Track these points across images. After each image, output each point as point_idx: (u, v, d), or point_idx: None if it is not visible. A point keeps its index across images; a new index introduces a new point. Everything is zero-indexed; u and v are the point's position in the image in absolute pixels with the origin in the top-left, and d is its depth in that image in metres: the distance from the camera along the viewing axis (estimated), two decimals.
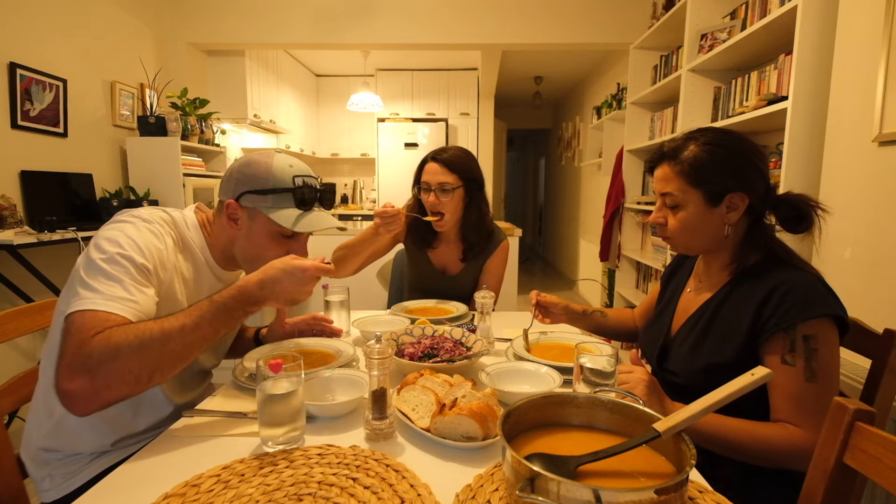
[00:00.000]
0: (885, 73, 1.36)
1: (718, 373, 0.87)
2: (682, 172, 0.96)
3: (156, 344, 0.76)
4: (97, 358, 0.72)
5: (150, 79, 3.33)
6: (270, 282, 0.86)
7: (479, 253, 1.72)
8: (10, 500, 0.82)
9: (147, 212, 0.93)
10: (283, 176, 0.98)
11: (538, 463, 0.55)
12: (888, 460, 0.57)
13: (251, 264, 1.01)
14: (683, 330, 1.03)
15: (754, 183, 0.94)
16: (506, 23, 3.65)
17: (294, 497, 0.65)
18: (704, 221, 0.96)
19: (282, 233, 0.99)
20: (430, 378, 0.89)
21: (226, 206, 0.98)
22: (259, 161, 0.99)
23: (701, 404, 0.62)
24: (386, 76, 5.71)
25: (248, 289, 0.85)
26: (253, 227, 0.99)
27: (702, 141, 0.96)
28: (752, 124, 2.14)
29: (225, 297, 0.83)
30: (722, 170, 0.93)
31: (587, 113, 5.52)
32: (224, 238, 1.02)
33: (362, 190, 6.59)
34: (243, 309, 0.85)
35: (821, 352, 0.83)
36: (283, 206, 0.98)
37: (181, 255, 0.97)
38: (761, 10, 2.09)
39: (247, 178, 0.97)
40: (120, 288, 0.80)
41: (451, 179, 1.58)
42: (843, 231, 1.53)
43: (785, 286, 0.87)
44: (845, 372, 1.31)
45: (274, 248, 1.00)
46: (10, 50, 2.38)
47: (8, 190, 2.35)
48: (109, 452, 0.95)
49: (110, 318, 0.76)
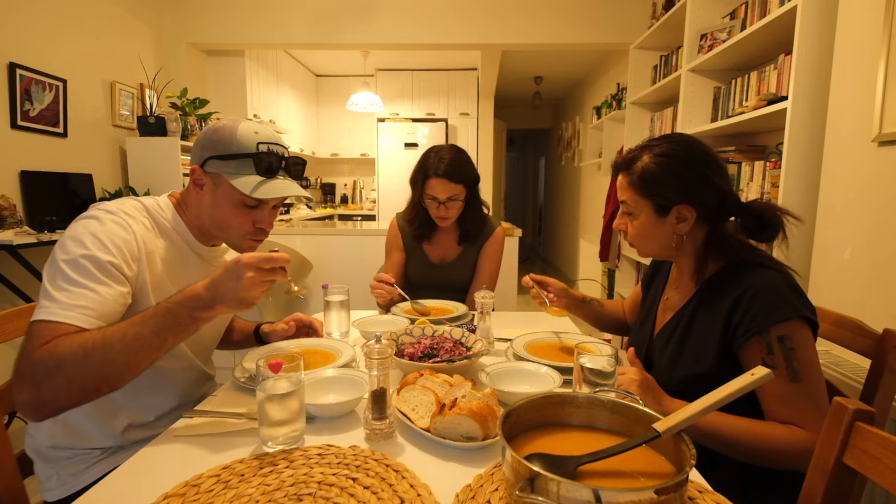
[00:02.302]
0: (885, 73, 1.36)
1: (699, 383, 0.88)
2: (632, 183, 0.99)
3: (98, 353, 0.75)
4: (42, 369, 0.73)
5: (150, 79, 3.33)
6: (213, 283, 0.80)
7: (474, 240, 1.78)
8: (10, 500, 0.81)
9: (114, 203, 0.93)
10: (248, 142, 0.96)
11: (538, 463, 0.55)
12: (888, 460, 0.57)
13: (221, 231, 1.01)
14: (661, 339, 1.05)
15: (702, 195, 0.95)
16: (506, 23, 3.65)
17: (294, 497, 0.65)
18: (656, 230, 0.99)
19: (244, 201, 0.97)
20: (430, 378, 0.89)
21: (191, 171, 0.98)
22: (226, 127, 0.97)
23: (701, 404, 0.62)
24: (386, 76, 5.71)
25: (195, 292, 0.81)
26: (217, 193, 0.97)
27: (655, 152, 0.97)
28: (751, 124, 2.14)
29: (171, 302, 0.80)
30: (669, 182, 0.95)
31: (587, 113, 5.51)
32: (193, 210, 1.01)
33: (362, 190, 6.59)
34: (190, 315, 0.80)
35: (798, 351, 0.83)
36: (246, 173, 0.95)
37: (159, 239, 0.96)
38: (761, 10, 2.09)
39: (212, 143, 0.96)
40: (78, 294, 0.79)
41: (458, 190, 1.65)
42: (842, 231, 1.53)
43: (750, 291, 0.88)
44: (845, 372, 1.31)
45: (237, 217, 0.98)
46: (10, 50, 2.38)
47: (8, 190, 2.35)
48: (119, 451, 0.95)
49: (61, 329, 0.76)
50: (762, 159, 2.11)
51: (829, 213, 1.60)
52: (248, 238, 1.02)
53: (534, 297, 1.33)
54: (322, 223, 3.83)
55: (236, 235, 1.01)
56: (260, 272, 0.80)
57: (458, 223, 1.76)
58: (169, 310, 0.79)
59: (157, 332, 0.78)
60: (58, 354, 0.73)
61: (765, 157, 2.16)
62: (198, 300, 0.80)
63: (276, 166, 0.98)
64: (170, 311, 0.79)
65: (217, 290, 0.80)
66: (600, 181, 4.72)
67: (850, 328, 1.02)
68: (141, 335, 0.77)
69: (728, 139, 2.53)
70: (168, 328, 0.79)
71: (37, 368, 0.73)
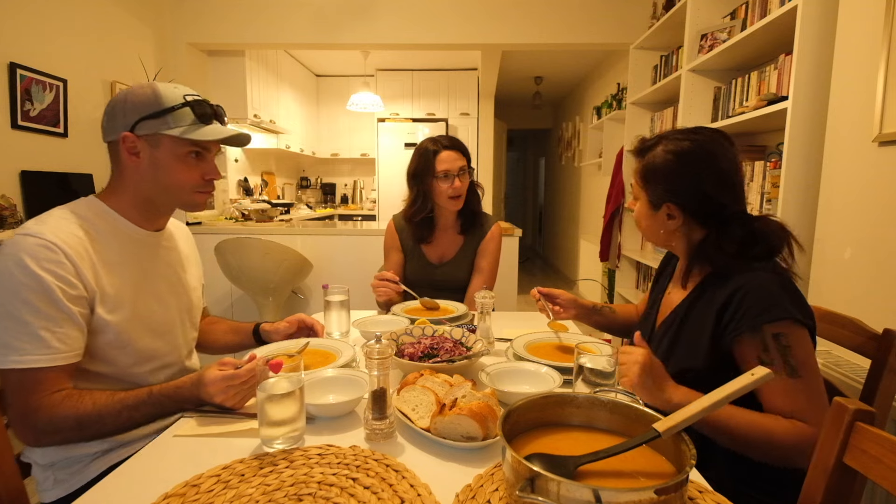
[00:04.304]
0: (885, 73, 1.36)
1: (691, 377, 0.88)
2: (637, 171, 1.03)
3: (93, 426, 0.85)
4: (41, 428, 0.83)
5: (151, 79, 3.33)
6: (197, 385, 0.87)
7: (475, 229, 1.80)
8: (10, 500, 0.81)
9: (35, 224, 0.87)
10: (174, 95, 0.95)
11: (538, 463, 0.55)
12: (888, 460, 0.57)
13: (170, 193, 0.99)
14: (660, 331, 1.06)
15: (689, 200, 0.96)
16: (506, 23, 3.65)
17: (294, 497, 0.65)
18: (649, 220, 1.04)
19: (190, 152, 0.97)
20: (430, 378, 0.89)
21: (122, 140, 0.93)
22: (141, 89, 0.95)
23: (701, 404, 0.62)
24: (386, 76, 5.71)
25: (184, 388, 0.89)
26: (157, 153, 0.95)
27: (669, 147, 0.98)
28: (752, 124, 2.14)
29: (164, 391, 0.88)
30: (664, 179, 0.98)
31: (587, 113, 5.51)
32: (131, 188, 0.98)
33: (362, 190, 6.59)
34: (178, 405, 0.89)
35: (794, 348, 0.83)
36: (184, 123, 0.95)
37: (96, 242, 0.93)
38: (761, 11, 2.09)
39: (135, 106, 0.93)
40: (37, 339, 0.82)
41: (464, 162, 1.71)
42: (843, 231, 1.53)
43: (742, 290, 0.88)
44: (845, 372, 1.31)
45: (185, 171, 0.98)
46: (10, 50, 2.37)
47: (8, 190, 2.35)
48: (113, 450, 0.95)
49: (47, 379, 0.84)
50: (762, 159, 2.11)
51: (829, 213, 1.60)
52: (198, 192, 1.02)
53: (540, 309, 1.33)
54: (322, 223, 3.83)
55: (187, 191, 1.00)
56: (232, 388, 0.87)
57: (458, 212, 1.78)
58: (161, 402, 0.88)
59: (148, 417, 0.89)
60: (55, 424, 0.83)
61: (765, 157, 2.16)
62: (184, 397, 0.89)
63: (210, 112, 0.99)
64: (161, 403, 0.88)
65: (204, 391, 0.87)
66: (600, 181, 4.71)
67: (850, 328, 1.02)
68: (133, 418, 0.88)
69: None
70: (158, 415, 0.89)
71: (35, 427, 0.83)
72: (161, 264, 1.07)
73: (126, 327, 0.95)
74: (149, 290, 1.02)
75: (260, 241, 2.69)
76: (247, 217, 3.59)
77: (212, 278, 3.00)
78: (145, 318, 0.99)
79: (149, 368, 1.01)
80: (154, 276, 1.04)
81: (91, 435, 0.87)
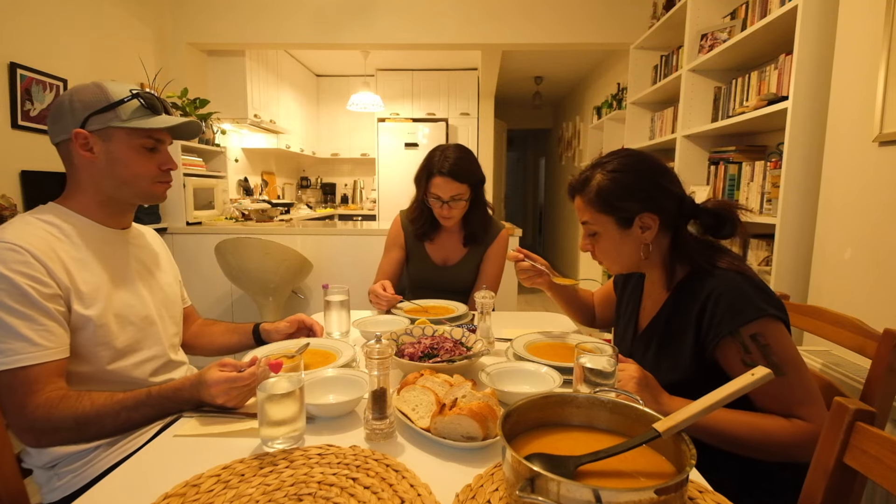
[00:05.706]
0: (885, 73, 1.36)
1: (678, 391, 0.89)
2: (590, 202, 1.01)
3: (92, 427, 0.86)
4: (40, 428, 0.84)
5: (151, 79, 3.33)
6: (198, 387, 0.88)
7: (479, 241, 1.76)
8: (10, 500, 0.82)
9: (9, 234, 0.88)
10: (121, 90, 0.96)
11: (538, 463, 0.55)
12: (888, 460, 0.57)
13: (128, 186, 0.99)
14: (640, 348, 1.07)
15: (661, 202, 0.97)
16: (506, 23, 3.65)
17: (294, 497, 0.65)
18: (623, 244, 1.01)
19: (144, 144, 0.98)
20: (430, 378, 0.89)
21: (73, 138, 0.93)
22: (86, 87, 0.96)
23: (700, 405, 0.62)
24: (386, 76, 5.71)
25: (184, 390, 0.89)
26: (112, 148, 0.96)
27: (608, 169, 1.00)
28: (752, 124, 2.14)
29: (164, 392, 0.89)
30: (627, 195, 0.98)
31: (587, 113, 5.51)
32: (90, 187, 0.99)
33: (362, 190, 6.59)
34: (178, 406, 0.90)
35: (773, 346, 0.84)
36: (135, 116, 0.96)
37: (63, 242, 0.93)
38: (761, 10, 2.09)
39: (84, 104, 0.94)
40: (20, 338, 0.82)
41: (462, 190, 1.63)
42: (843, 231, 1.53)
43: (714, 295, 0.89)
44: (845, 372, 1.30)
45: (141, 164, 0.99)
46: (10, 50, 2.37)
47: (8, 190, 2.35)
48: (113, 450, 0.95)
49: (38, 378, 0.84)
50: (763, 159, 2.11)
51: (830, 213, 1.60)
52: (157, 182, 1.03)
53: (523, 269, 1.34)
54: (322, 223, 3.83)
55: (146, 182, 1.01)
56: (234, 390, 0.87)
57: (462, 224, 1.74)
58: (160, 404, 0.89)
59: (148, 418, 0.89)
60: (54, 422, 0.83)
61: (765, 157, 2.16)
62: (184, 398, 0.89)
63: (158, 103, 1.00)
64: (161, 404, 0.89)
65: (205, 392, 0.87)
66: None
67: (851, 328, 1.02)
68: (132, 419, 0.88)
69: (728, 139, 2.53)
70: (157, 416, 0.90)
71: (34, 427, 0.84)
72: (132, 260, 1.08)
73: (104, 321, 0.95)
74: (123, 285, 1.02)
75: (260, 241, 2.69)
76: (247, 217, 3.59)
77: (212, 278, 3.00)
78: (122, 312, 1.00)
79: (132, 362, 1.01)
80: (126, 271, 1.05)
81: (90, 435, 0.88)
